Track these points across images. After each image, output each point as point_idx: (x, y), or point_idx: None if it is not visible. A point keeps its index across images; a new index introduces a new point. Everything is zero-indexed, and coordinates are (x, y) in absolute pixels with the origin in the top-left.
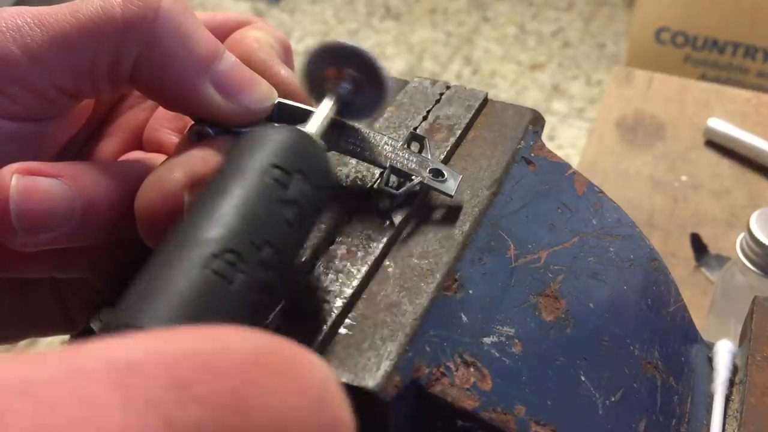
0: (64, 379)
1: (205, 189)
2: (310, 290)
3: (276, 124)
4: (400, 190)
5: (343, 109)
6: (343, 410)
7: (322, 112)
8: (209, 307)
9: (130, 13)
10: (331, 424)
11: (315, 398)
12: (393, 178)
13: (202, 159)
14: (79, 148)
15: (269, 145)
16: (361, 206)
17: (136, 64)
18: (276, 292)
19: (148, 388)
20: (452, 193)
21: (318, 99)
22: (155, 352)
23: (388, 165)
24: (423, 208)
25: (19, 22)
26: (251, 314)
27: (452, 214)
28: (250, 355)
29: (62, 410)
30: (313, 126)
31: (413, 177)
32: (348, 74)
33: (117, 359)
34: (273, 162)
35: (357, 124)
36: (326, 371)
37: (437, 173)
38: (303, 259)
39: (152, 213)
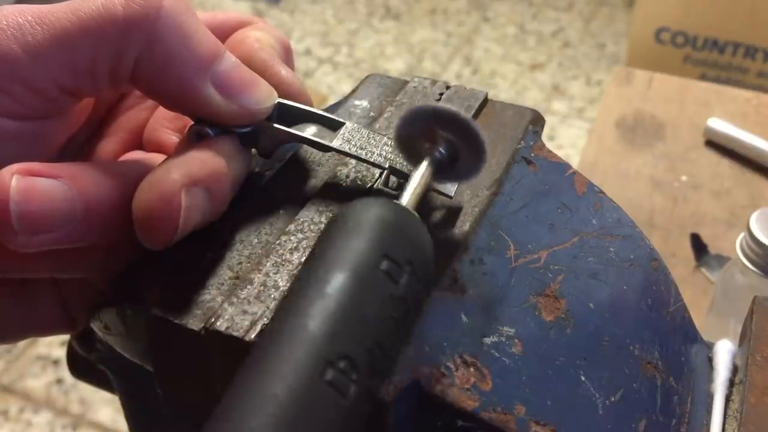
0: None
1: (309, 269)
2: None
3: (372, 198)
4: (399, 191)
5: (438, 173)
6: None
7: (418, 179)
8: (320, 424)
9: (132, 12)
10: None
11: None
12: (392, 179)
13: (200, 160)
14: (79, 148)
15: (378, 228)
16: None
17: (137, 63)
18: (375, 399)
19: None
20: (452, 194)
21: (410, 160)
22: None
23: (387, 166)
24: (423, 208)
25: (20, 20)
26: (357, 428)
27: (452, 214)
28: None
29: None
30: (411, 197)
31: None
32: (444, 139)
33: None
34: (384, 251)
35: (356, 124)
36: None
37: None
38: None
39: (150, 214)
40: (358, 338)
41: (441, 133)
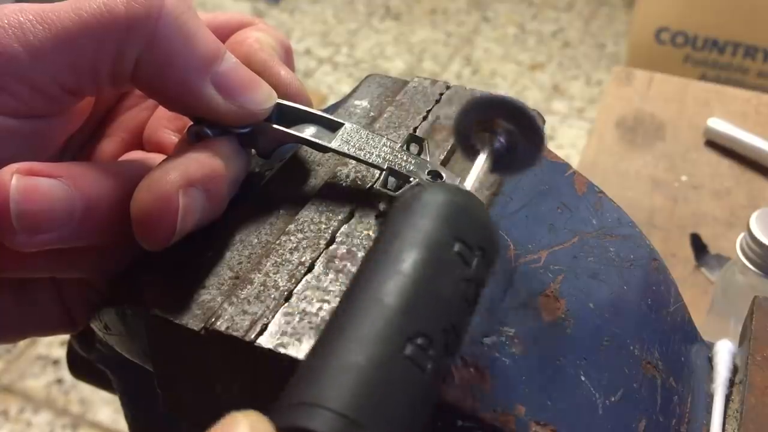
0: None
1: (382, 248)
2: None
3: (443, 183)
4: (398, 192)
5: (496, 163)
6: None
7: (478, 169)
8: (399, 395)
9: (133, 12)
10: None
11: None
12: (391, 180)
13: (199, 161)
14: (79, 148)
15: (450, 211)
16: (361, 206)
17: (138, 62)
18: (446, 378)
19: None
20: None
21: (467, 153)
22: None
23: (386, 167)
24: None
25: (22, 18)
26: (432, 404)
27: None
28: None
29: None
30: (471, 184)
31: (411, 179)
32: (503, 128)
33: None
34: (456, 234)
35: (355, 125)
36: None
37: (436, 175)
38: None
39: (147, 215)
40: (435, 317)
41: (500, 123)
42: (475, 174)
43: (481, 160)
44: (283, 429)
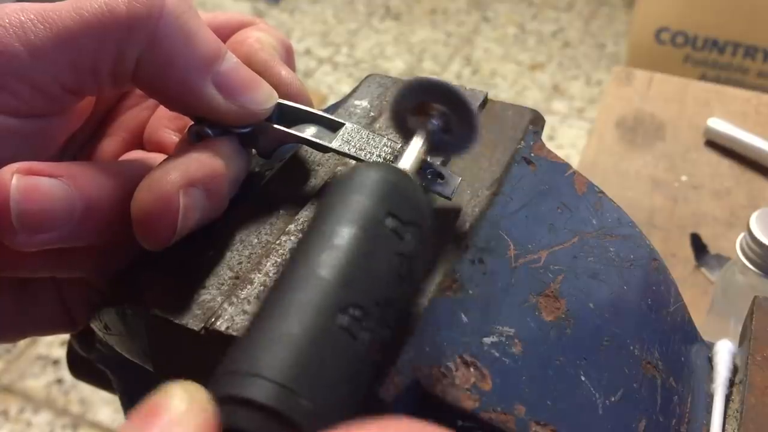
0: None
1: (317, 222)
2: None
3: (377, 162)
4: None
5: (433, 146)
6: None
7: (414, 149)
8: (334, 364)
9: (134, 11)
10: None
11: None
12: None
13: (199, 161)
14: (79, 148)
15: (383, 187)
16: None
17: (139, 62)
18: (388, 351)
19: None
20: (450, 196)
21: (405, 135)
22: None
23: None
24: None
25: (23, 18)
26: (370, 375)
27: (452, 215)
28: None
29: None
30: (408, 164)
31: None
32: (437, 111)
33: None
34: (389, 209)
35: (355, 125)
36: None
37: (436, 175)
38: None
39: (147, 215)
40: (368, 289)
41: (433, 106)
42: (409, 154)
43: (417, 141)
44: (220, 398)
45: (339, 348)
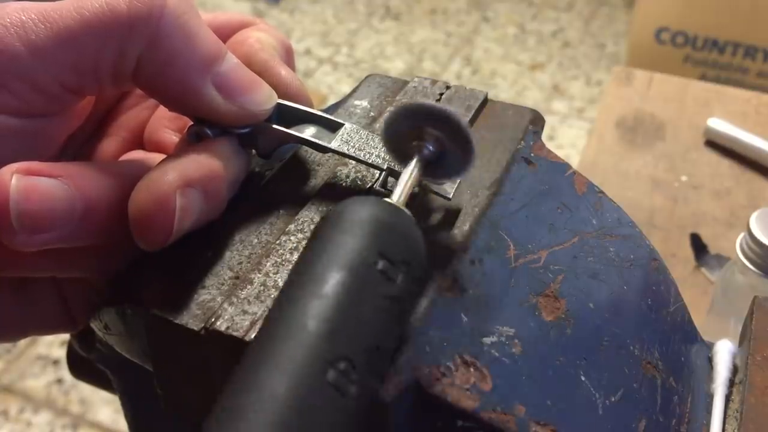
0: None
1: (305, 266)
2: None
3: (366, 197)
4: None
5: (427, 170)
6: None
7: (407, 176)
8: (321, 426)
9: (135, 11)
10: None
11: None
12: (391, 180)
13: (197, 161)
14: (79, 148)
15: (373, 227)
16: None
17: (139, 62)
18: (375, 398)
19: None
20: (450, 196)
21: (399, 159)
22: None
23: (386, 167)
24: (422, 209)
25: (24, 17)
26: (358, 427)
27: (451, 215)
28: None
29: None
30: (402, 195)
31: None
32: (431, 135)
33: None
34: (380, 250)
35: (355, 125)
36: None
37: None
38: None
39: (145, 215)
40: (357, 339)
41: (427, 130)
42: (404, 184)
43: (410, 168)
44: None
45: (327, 407)
